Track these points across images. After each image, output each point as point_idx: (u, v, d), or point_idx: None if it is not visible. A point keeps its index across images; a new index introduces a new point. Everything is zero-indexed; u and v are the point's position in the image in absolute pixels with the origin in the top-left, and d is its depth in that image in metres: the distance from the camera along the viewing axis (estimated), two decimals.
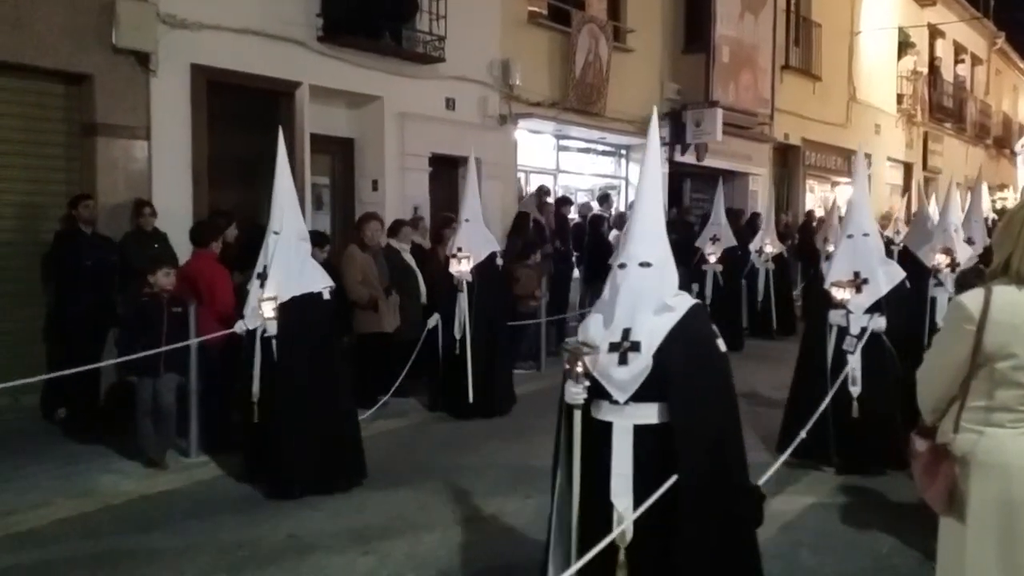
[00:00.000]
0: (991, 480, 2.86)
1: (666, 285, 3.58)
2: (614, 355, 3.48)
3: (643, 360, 3.42)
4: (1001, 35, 31.30)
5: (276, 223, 6.24)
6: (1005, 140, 33.54)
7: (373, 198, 11.04)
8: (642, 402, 3.46)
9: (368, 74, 10.68)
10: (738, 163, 17.95)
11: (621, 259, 3.61)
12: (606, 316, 3.60)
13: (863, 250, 6.64)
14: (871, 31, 22.74)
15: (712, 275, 12.53)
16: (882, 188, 24.53)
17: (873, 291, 6.49)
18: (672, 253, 3.67)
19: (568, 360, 3.47)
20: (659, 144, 3.78)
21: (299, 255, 6.29)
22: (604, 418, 3.53)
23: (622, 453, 3.48)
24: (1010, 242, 2.91)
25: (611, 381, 3.48)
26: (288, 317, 6.10)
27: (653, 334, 3.45)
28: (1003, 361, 2.83)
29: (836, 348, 6.53)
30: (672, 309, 3.51)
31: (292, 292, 6.13)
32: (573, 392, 3.46)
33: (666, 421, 3.44)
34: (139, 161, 8.65)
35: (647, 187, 3.80)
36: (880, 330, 6.45)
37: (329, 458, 6.21)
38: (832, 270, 6.68)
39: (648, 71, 15.68)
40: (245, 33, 9.35)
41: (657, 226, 3.69)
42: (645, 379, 3.42)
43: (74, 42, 8.12)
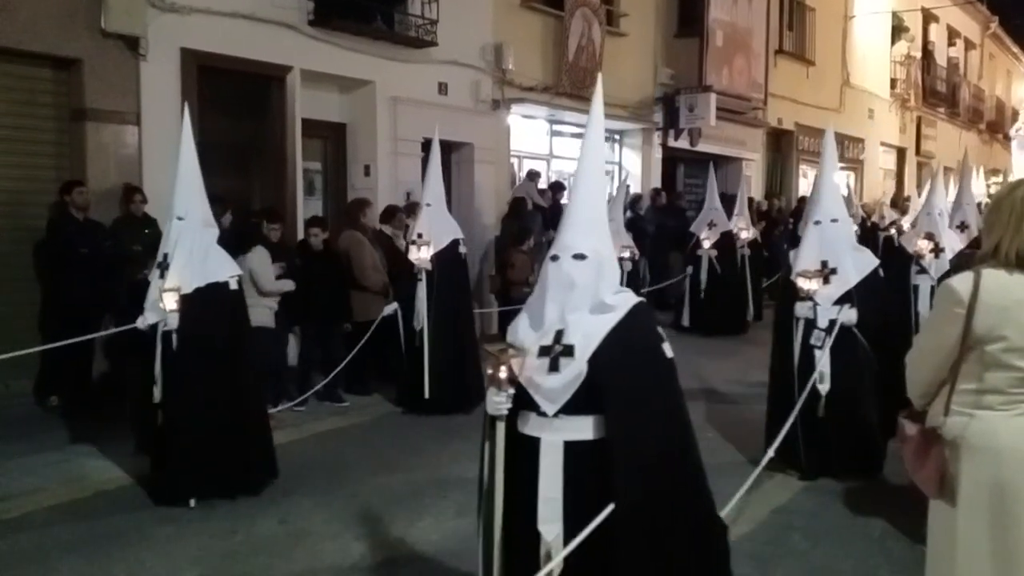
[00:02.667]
0: (982, 463, 2.86)
1: (605, 280, 3.17)
2: (544, 360, 3.09)
3: (576, 366, 3.04)
4: (995, 19, 31.25)
5: (179, 208, 5.78)
6: (998, 125, 33.56)
7: (365, 183, 11.00)
8: (574, 415, 3.07)
9: (360, 58, 10.61)
10: (732, 148, 17.93)
11: (553, 250, 3.22)
12: (536, 315, 3.22)
13: (831, 237, 6.15)
14: (865, 15, 22.70)
15: (708, 260, 12.47)
16: (875, 173, 24.56)
17: (842, 281, 6.03)
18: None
19: (490, 364, 3.07)
20: (602, 118, 3.43)
21: (204, 242, 5.83)
22: (531, 433, 3.14)
23: (550, 473, 3.09)
24: (1000, 226, 2.91)
25: (539, 390, 3.09)
26: (191, 309, 5.61)
27: (589, 337, 3.07)
28: (993, 344, 2.83)
29: (805, 343, 6.04)
30: (612, 308, 3.13)
31: (196, 282, 5.67)
32: (495, 402, 3.05)
33: (602, 437, 3.05)
34: (129, 146, 8.60)
35: (586, 168, 3.38)
36: (850, 323, 5.95)
37: (234, 460, 5.76)
38: (798, 259, 6.21)
39: (641, 55, 15.63)
40: (235, 17, 9.27)
41: (595, 213, 3.30)
42: (578, 388, 3.04)
43: (63, 26, 8.05)
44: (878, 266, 6.24)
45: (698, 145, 16.48)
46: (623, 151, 16.47)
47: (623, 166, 16.45)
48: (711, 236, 12.48)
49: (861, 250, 6.41)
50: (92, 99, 8.31)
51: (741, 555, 4.88)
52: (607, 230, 3.33)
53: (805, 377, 5.91)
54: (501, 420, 3.11)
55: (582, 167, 3.40)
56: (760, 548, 5.03)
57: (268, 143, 10.03)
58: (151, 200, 8.17)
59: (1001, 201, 2.97)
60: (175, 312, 5.58)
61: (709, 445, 6.48)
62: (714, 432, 7.20)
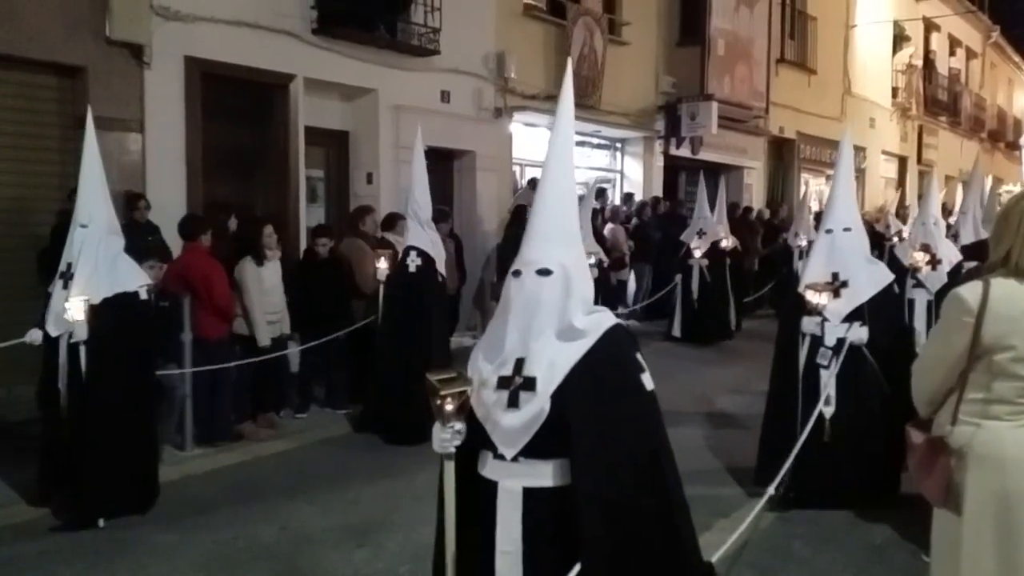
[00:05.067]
0: (988, 472, 2.86)
1: (574, 299, 2.72)
2: (502, 394, 2.68)
3: (538, 403, 2.62)
4: (996, 28, 31.35)
5: (83, 215, 5.47)
6: (1000, 134, 33.60)
7: (367, 191, 11.03)
8: (536, 458, 2.66)
9: (362, 66, 10.65)
10: (733, 157, 17.96)
11: (516, 265, 2.79)
12: (495, 341, 2.79)
13: (843, 248, 5.67)
14: (866, 24, 22.75)
15: (698, 270, 12.30)
16: (877, 181, 24.59)
17: (853, 296, 5.55)
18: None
19: (434, 396, 2.61)
20: (571, 115, 2.98)
21: (110, 251, 5.52)
22: (488, 475, 2.75)
23: (508, 524, 2.70)
24: (1009, 235, 2.91)
25: (497, 429, 2.69)
26: (99, 321, 5.31)
27: (553, 367, 2.64)
28: (1001, 353, 2.83)
29: (810, 361, 5.56)
30: (582, 333, 2.69)
31: (103, 292, 5.37)
32: (441, 439, 2.62)
33: (567, 484, 2.65)
34: (133, 153, 8.62)
35: (552, 172, 2.88)
36: (860, 342, 5.47)
37: (135, 476, 5.59)
38: (807, 270, 5.76)
39: (643, 64, 15.67)
40: (239, 25, 9.30)
41: (563, 222, 2.83)
42: (540, 427, 2.62)
43: (67, 34, 8.07)
44: (892, 281, 5.78)
45: (700, 153, 16.50)
46: (625, 159, 16.50)
47: (625, 174, 16.49)
48: (701, 245, 12.31)
49: (875, 263, 5.95)
50: (96, 106, 8.22)
51: (743, 563, 4.91)
52: (578, 242, 2.90)
53: (808, 398, 5.47)
54: (449, 459, 2.68)
55: (548, 171, 2.90)
56: (761, 555, 5.03)
57: (271, 150, 10.06)
58: (155, 207, 8.20)
59: (1010, 211, 2.97)
60: (83, 323, 5.26)
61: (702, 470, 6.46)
62: (708, 456, 6.98)
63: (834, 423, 5.49)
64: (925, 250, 7.30)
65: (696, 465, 6.63)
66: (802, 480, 5.51)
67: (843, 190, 5.89)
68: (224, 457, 6.93)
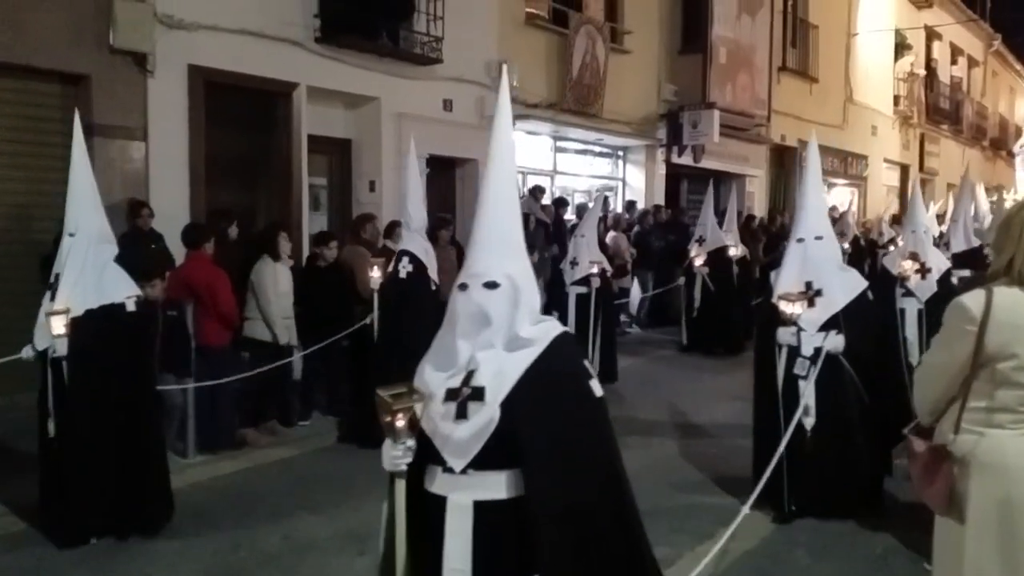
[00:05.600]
0: (991, 481, 2.86)
1: (521, 310, 2.70)
2: (451, 406, 2.65)
3: (487, 412, 2.59)
4: (997, 37, 31.39)
5: (71, 224, 5.25)
6: (1002, 142, 33.63)
7: (370, 199, 11.05)
8: (486, 470, 2.62)
9: (365, 75, 10.68)
10: (735, 164, 17.98)
11: (461, 278, 2.76)
12: (443, 354, 2.77)
13: (815, 257, 5.62)
14: (868, 33, 22.78)
15: (700, 278, 12.19)
16: (879, 189, 24.60)
17: (828, 304, 5.50)
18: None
19: (383, 412, 2.60)
20: (510, 119, 2.88)
21: (98, 260, 5.28)
22: (437, 491, 2.69)
23: (458, 540, 2.64)
24: (1011, 244, 2.91)
25: (446, 442, 2.64)
26: (82, 334, 5.09)
27: (502, 377, 2.62)
28: (1005, 362, 2.83)
29: (788, 372, 5.53)
30: (529, 343, 2.67)
31: (88, 304, 5.15)
32: (392, 456, 2.60)
33: (519, 495, 2.61)
34: (136, 161, 8.65)
35: (494, 181, 2.81)
36: (837, 350, 5.43)
37: (129, 497, 5.29)
38: (780, 281, 5.67)
39: (645, 72, 15.70)
40: (242, 34, 9.34)
41: (508, 233, 2.78)
42: (490, 438, 2.59)
43: (71, 43, 8.11)
44: (867, 288, 5.76)
45: (701, 161, 16.52)
46: (627, 167, 16.54)
47: (627, 182, 16.52)
48: (701, 253, 12.19)
49: (848, 270, 5.94)
50: (100, 115, 8.36)
51: (745, 570, 4.92)
52: (523, 252, 2.84)
53: (789, 409, 5.42)
54: (400, 477, 2.64)
55: (489, 179, 2.81)
56: (763, 563, 5.03)
57: (274, 158, 10.09)
58: (158, 215, 8.21)
59: (1011, 220, 2.97)
60: (63, 337, 5.06)
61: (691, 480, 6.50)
62: (697, 469, 6.88)
63: (815, 433, 5.45)
64: (913, 258, 7.17)
65: (686, 475, 6.66)
66: (796, 490, 5.56)
67: (812, 198, 5.82)
68: (226, 464, 6.93)
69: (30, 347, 5.37)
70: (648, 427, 8.10)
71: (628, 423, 8.11)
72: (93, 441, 5.17)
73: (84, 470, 5.18)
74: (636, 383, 9.91)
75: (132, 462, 5.31)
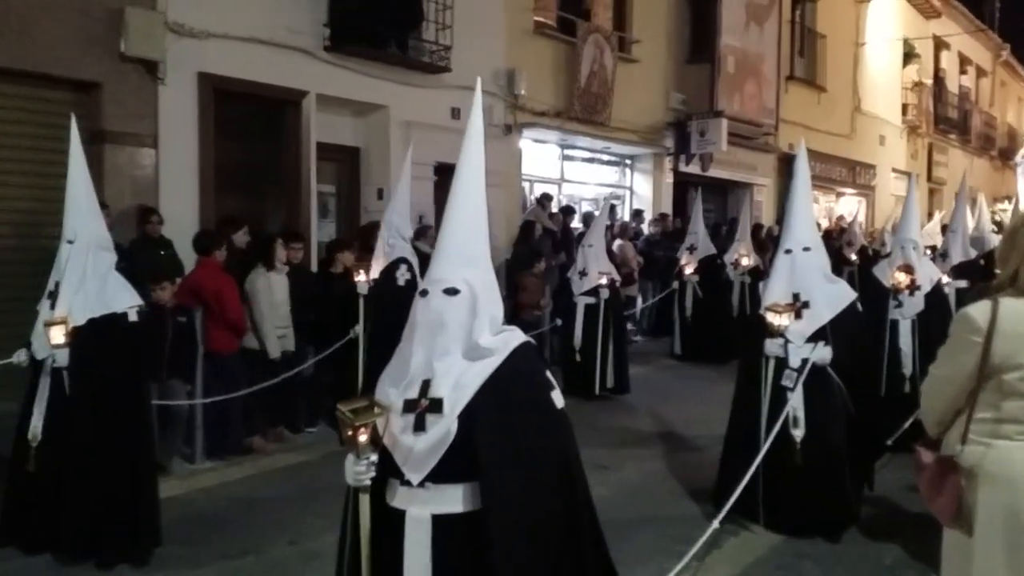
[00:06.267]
0: (999, 493, 2.85)
1: (480, 319, 2.66)
2: (409, 417, 2.60)
3: (444, 425, 2.56)
4: (1006, 47, 31.34)
5: (69, 231, 5.13)
6: (1010, 152, 33.50)
7: (378, 206, 11.07)
8: (444, 483, 2.58)
9: (374, 83, 10.73)
10: (743, 173, 17.99)
11: (423, 284, 2.74)
12: (402, 363, 2.71)
13: (803, 268, 5.52)
14: (875, 42, 22.77)
15: (691, 287, 12.16)
16: (887, 199, 24.55)
17: (815, 316, 5.43)
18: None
19: (345, 426, 2.57)
20: (481, 127, 2.97)
21: (99, 268, 5.15)
22: (396, 505, 2.65)
23: (416, 555, 2.60)
24: (1016, 255, 2.92)
25: (404, 455, 2.60)
26: (84, 344, 4.96)
27: (460, 388, 2.58)
28: (1011, 372, 2.83)
29: (775, 384, 5.43)
30: (489, 352, 2.63)
31: (89, 313, 5.02)
32: (356, 472, 2.59)
33: (477, 509, 2.57)
34: (146, 168, 8.70)
35: (462, 190, 2.81)
36: (824, 362, 5.37)
37: (119, 522, 5.03)
38: (767, 291, 5.61)
39: (653, 81, 15.72)
40: (252, 42, 9.39)
41: (471, 240, 2.76)
42: (448, 450, 2.55)
43: (83, 50, 8.16)
44: (855, 299, 5.68)
45: (709, 170, 16.52)
46: (634, 176, 16.54)
47: (634, 190, 16.52)
48: (691, 261, 12.14)
49: (836, 281, 5.81)
50: (110, 122, 8.41)
51: None
52: (486, 259, 2.81)
53: (773, 422, 5.32)
54: (364, 492, 2.62)
55: (456, 189, 2.80)
56: (772, 574, 5.02)
57: (283, 166, 10.13)
58: (168, 222, 8.26)
59: (1016, 231, 2.97)
60: (63, 347, 4.93)
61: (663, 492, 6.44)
62: (672, 479, 6.87)
63: (802, 445, 5.36)
64: (907, 271, 7.03)
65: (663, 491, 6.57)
66: (772, 505, 5.44)
67: (801, 208, 5.71)
68: (234, 471, 6.95)
69: (23, 352, 5.23)
70: (656, 437, 8.10)
71: (638, 433, 8.16)
72: (84, 457, 4.96)
73: (78, 488, 4.97)
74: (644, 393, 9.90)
75: (124, 482, 5.06)
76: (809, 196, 5.94)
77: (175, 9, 8.74)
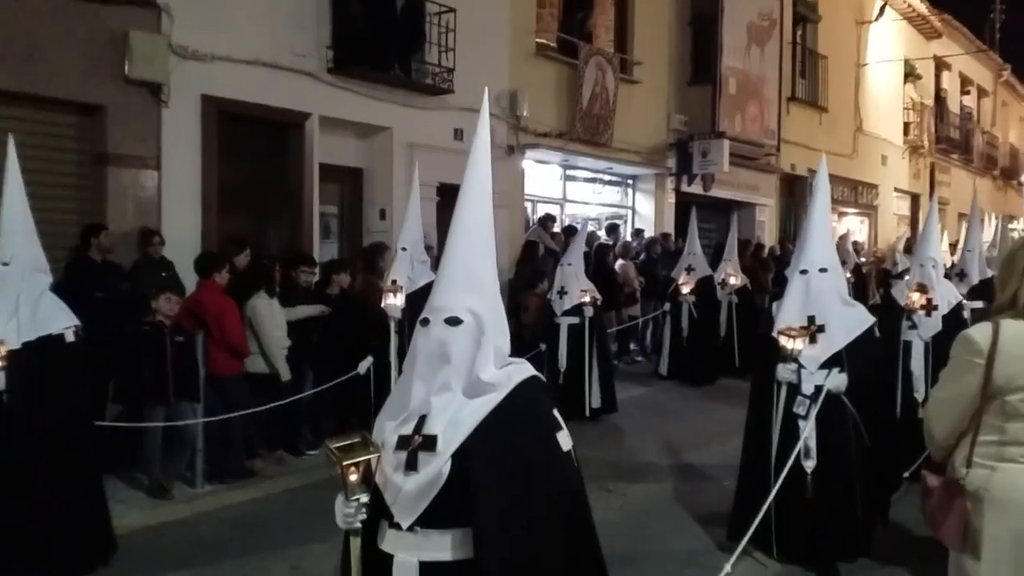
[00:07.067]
0: (1006, 516, 2.84)
1: (485, 350, 2.47)
2: (402, 455, 2.43)
3: (437, 464, 2.37)
4: (1007, 67, 31.47)
5: (5, 253, 5.04)
6: (1012, 171, 33.58)
7: (381, 227, 11.09)
8: (434, 528, 2.40)
9: (377, 105, 10.76)
10: (745, 194, 18.01)
11: (424, 313, 2.54)
12: (400, 397, 2.56)
13: (819, 290, 5.26)
14: (877, 63, 22.85)
15: (687, 307, 12.02)
16: (889, 218, 24.57)
17: (830, 341, 5.17)
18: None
19: (333, 464, 2.43)
20: (487, 146, 2.81)
21: (33, 291, 5.09)
22: (385, 548, 2.50)
23: None
24: (1015, 278, 2.92)
25: (394, 495, 2.43)
26: (20, 367, 4.89)
27: (456, 425, 2.40)
28: (1014, 394, 2.82)
29: (787, 410, 5.20)
30: (491, 388, 2.44)
31: (25, 335, 4.95)
32: (345, 514, 2.44)
33: (469, 557, 2.38)
34: (149, 190, 8.71)
35: (466, 210, 2.63)
36: (839, 390, 5.10)
37: (63, 538, 5.01)
38: (781, 313, 5.33)
39: (655, 102, 15.76)
40: (256, 65, 9.42)
41: (476, 266, 2.56)
42: (440, 493, 2.37)
43: (88, 73, 8.19)
44: (873, 324, 5.39)
45: (712, 190, 16.54)
46: (636, 196, 16.56)
47: (636, 210, 16.54)
48: (688, 281, 12.01)
49: (853, 305, 5.50)
50: (114, 144, 8.43)
51: None
52: (493, 286, 2.60)
53: (784, 449, 5.12)
54: (355, 535, 2.47)
55: (461, 211, 2.62)
56: None
57: (286, 187, 10.14)
58: (170, 244, 8.26)
59: (1015, 253, 2.98)
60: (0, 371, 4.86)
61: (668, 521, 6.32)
62: (677, 504, 6.77)
63: (814, 476, 5.14)
64: (921, 290, 6.87)
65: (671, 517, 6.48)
66: (783, 536, 5.28)
67: (818, 227, 5.47)
68: (235, 494, 6.91)
69: None
70: (657, 459, 8.06)
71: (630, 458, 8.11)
72: (22, 479, 4.91)
73: (24, 509, 4.92)
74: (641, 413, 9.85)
75: (67, 498, 5.05)
76: (828, 215, 5.70)
77: (179, 32, 8.77)
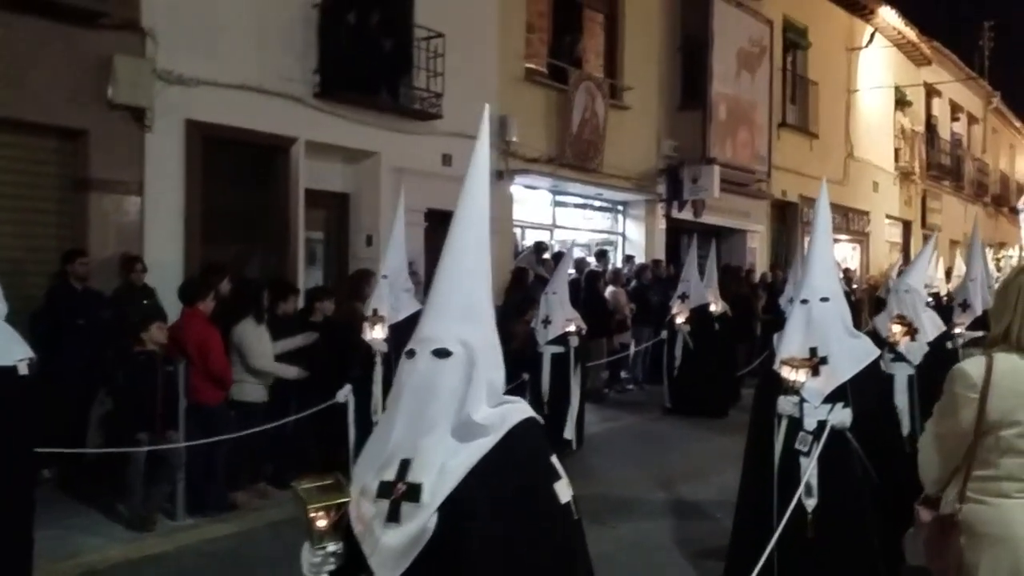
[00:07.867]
0: (1000, 552, 2.79)
1: (476, 388, 2.26)
2: (383, 504, 2.20)
3: (422, 517, 2.15)
4: (997, 94, 31.70)
5: None
6: (1003, 198, 33.76)
7: (367, 253, 11.00)
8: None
9: (364, 130, 10.71)
10: (736, 220, 18.01)
11: (410, 343, 2.34)
12: (381, 437, 2.33)
13: (821, 320, 4.95)
14: (868, 90, 22.96)
15: (682, 337, 11.74)
16: (882, 245, 24.60)
17: (834, 373, 4.88)
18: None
19: (303, 509, 2.21)
20: (486, 168, 2.59)
21: None
22: None
23: None
24: (1008, 311, 2.89)
25: (375, 549, 2.19)
26: None
27: (444, 472, 2.18)
28: (1008, 429, 2.77)
29: (788, 446, 4.91)
30: (483, 431, 2.22)
31: None
32: (312, 563, 2.22)
33: None
34: (131, 215, 8.62)
35: (461, 237, 2.44)
36: (843, 426, 4.80)
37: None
38: (782, 344, 5.04)
39: (645, 128, 15.77)
40: (242, 89, 9.37)
41: (470, 295, 2.37)
42: (425, 548, 2.15)
43: (70, 98, 8.12)
44: (879, 356, 5.18)
45: (702, 216, 16.52)
46: (627, 222, 16.53)
47: (627, 236, 16.51)
48: (683, 311, 11.76)
49: (858, 336, 5.23)
50: (96, 169, 8.35)
51: None
52: (488, 315, 2.41)
53: (785, 487, 4.84)
54: None
55: (455, 235, 2.43)
56: None
57: (271, 213, 10.07)
58: (152, 270, 8.15)
59: (1008, 285, 2.95)
60: None
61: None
62: (671, 538, 6.63)
63: (817, 516, 4.80)
64: (901, 321, 6.65)
65: (663, 551, 6.37)
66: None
67: (820, 255, 5.20)
68: (218, 528, 6.76)
69: None
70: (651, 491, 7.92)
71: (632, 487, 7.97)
72: None
73: None
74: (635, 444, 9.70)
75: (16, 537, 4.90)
76: (829, 242, 5.45)
77: (164, 57, 8.71)
